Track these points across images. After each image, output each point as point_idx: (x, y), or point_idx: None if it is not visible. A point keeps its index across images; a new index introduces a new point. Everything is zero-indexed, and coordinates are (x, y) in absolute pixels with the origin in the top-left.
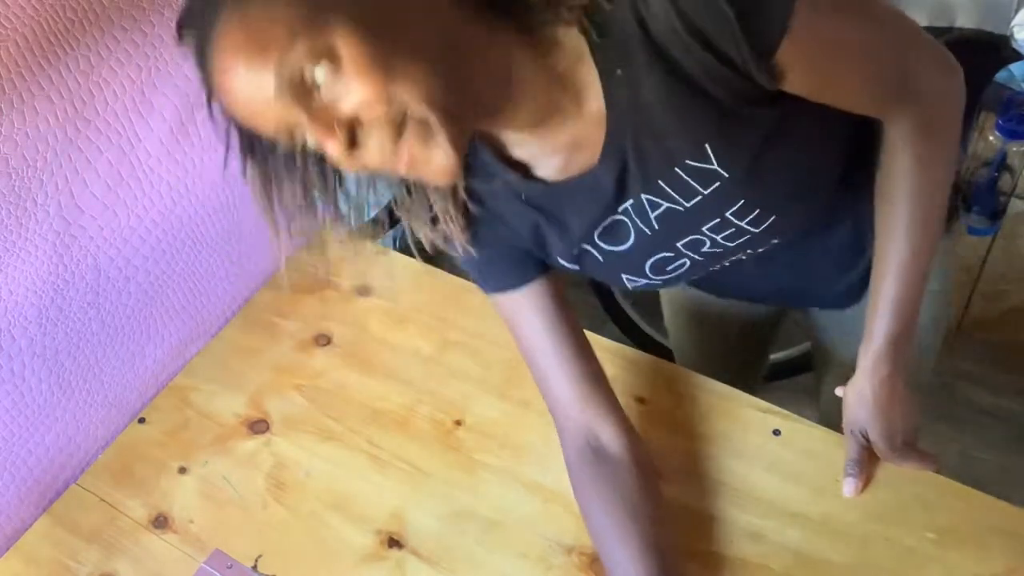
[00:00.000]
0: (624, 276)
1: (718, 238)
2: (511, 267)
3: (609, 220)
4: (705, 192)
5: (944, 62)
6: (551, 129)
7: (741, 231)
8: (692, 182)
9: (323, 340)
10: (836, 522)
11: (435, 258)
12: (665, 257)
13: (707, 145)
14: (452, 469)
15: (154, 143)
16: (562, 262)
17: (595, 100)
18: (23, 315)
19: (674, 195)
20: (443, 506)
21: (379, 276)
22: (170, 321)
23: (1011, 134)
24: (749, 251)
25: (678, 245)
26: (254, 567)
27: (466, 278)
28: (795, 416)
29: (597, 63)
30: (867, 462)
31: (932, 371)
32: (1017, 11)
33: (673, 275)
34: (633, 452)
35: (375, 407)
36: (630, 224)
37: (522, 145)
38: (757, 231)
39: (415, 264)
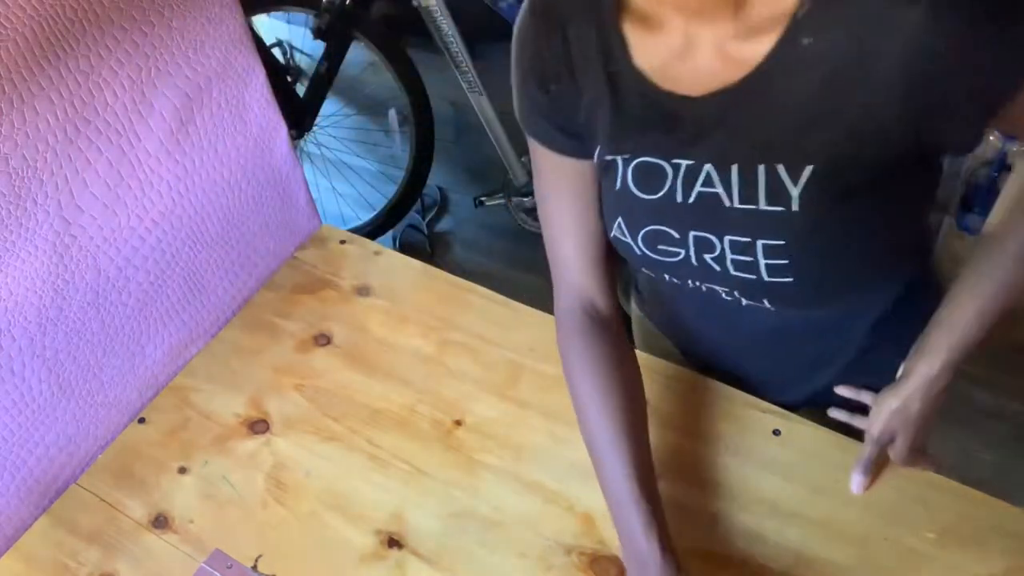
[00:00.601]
0: (619, 220)
1: (728, 256)
2: (566, 137)
3: (654, 160)
4: (761, 207)
5: None
6: (675, 18)
7: (752, 268)
8: (761, 188)
9: (323, 340)
10: (836, 522)
11: (435, 258)
12: (668, 235)
13: (809, 168)
14: (452, 469)
15: (154, 143)
16: (596, 161)
17: (752, 46)
18: (23, 315)
19: (734, 187)
20: (443, 506)
21: (379, 276)
22: (170, 321)
23: (1011, 135)
24: (736, 293)
25: (691, 233)
26: (254, 567)
27: (466, 278)
28: (795, 416)
29: (792, 21)
30: (878, 464)
31: None
32: None
33: (659, 259)
34: (621, 325)
35: (375, 407)
36: (668, 180)
37: (640, 19)
38: (764, 280)
39: (415, 264)
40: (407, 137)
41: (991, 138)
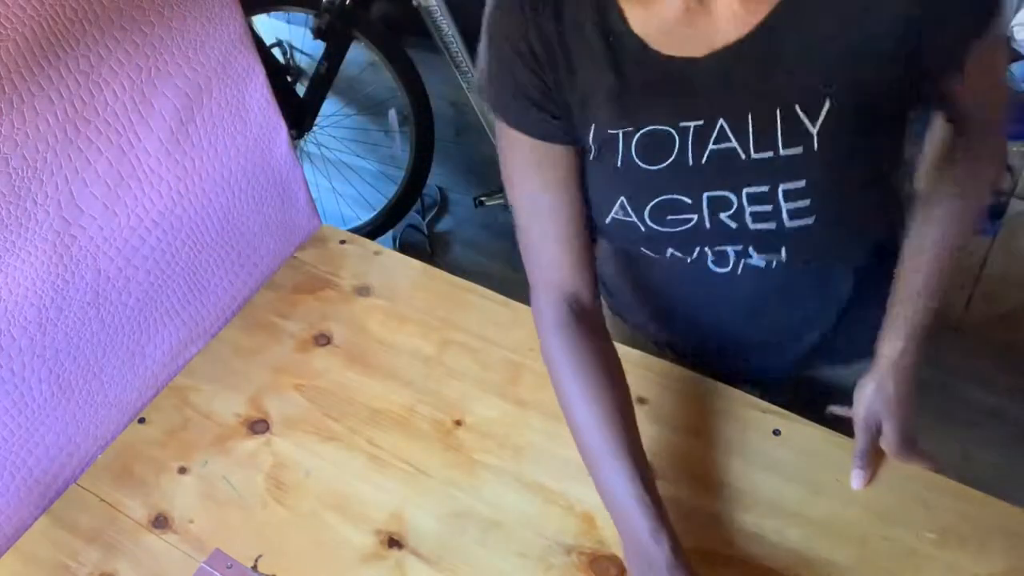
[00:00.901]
0: (621, 199)
1: (747, 210)
2: (554, 122)
3: (660, 128)
4: (780, 153)
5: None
6: None
7: (773, 216)
8: (779, 133)
9: (323, 340)
10: (836, 522)
11: (435, 258)
12: (678, 202)
13: (827, 104)
14: (452, 469)
15: (154, 143)
16: (590, 142)
17: None
18: (23, 315)
19: (750, 138)
20: (443, 506)
21: (379, 276)
22: (170, 321)
23: (1011, 134)
24: (751, 248)
25: (704, 195)
26: (254, 567)
27: (466, 278)
28: (795, 416)
29: None
30: (875, 456)
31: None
32: (1017, 11)
33: (667, 231)
34: (603, 319)
35: (375, 407)
36: (676, 146)
37: None
38: (786, 226)
39: (415, 264)
40: (407, 137)
41: None
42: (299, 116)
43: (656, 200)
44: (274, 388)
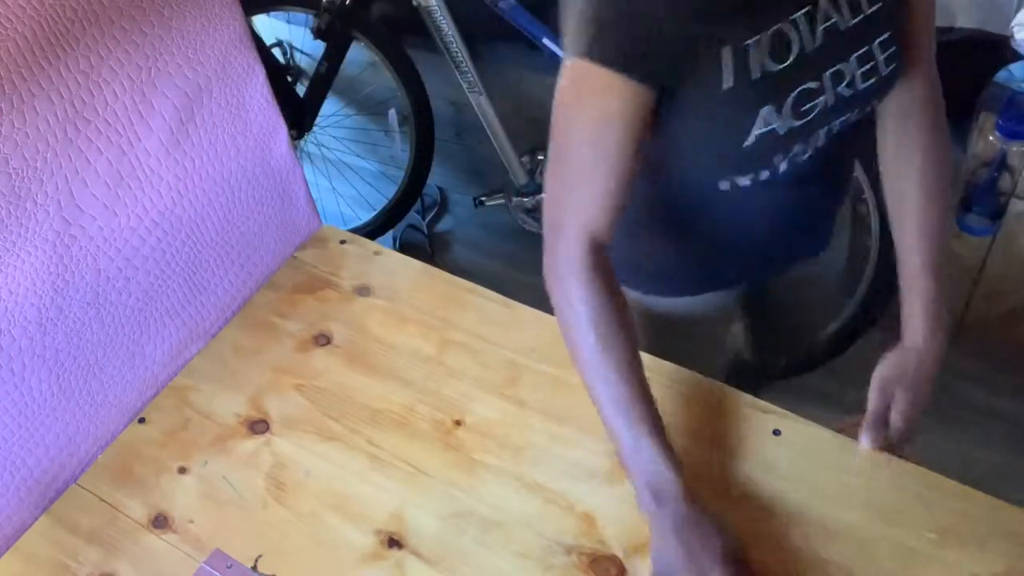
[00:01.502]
0: (764, 110)
1: (857, 74)
2: (667, 59)
3: (778, 27)
4: (866, 12)
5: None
6: None
7: (874, 70)
8: None
9: (323, 340)
10: (836, 522)
11: (435, 258)
12: (808, 90)
13: None
14: (452, 469)
15: (154, 143)
16: (727, 69)
17: None
18: (23, 315)
19: (844, 8)
20: (443, 506)
21: (379, 276)
22: (170, 321)
23: (1011, 134)
24: (855, 112)
25: (826, 74)
26: (254, 567)
27: (466, 278)
28: (795, 416)
29: None
30: (883, 426)
31: None
32: (1017, 11)
33: (803, 123)
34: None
35: (375, 407)
36: (794, 37)
37: None
38: (883, 74)
39: (415, 264)
40: (407, 137)
41: (990, 138)
42: (299, 116)
43: (792, 95)
44: (274, 388)
